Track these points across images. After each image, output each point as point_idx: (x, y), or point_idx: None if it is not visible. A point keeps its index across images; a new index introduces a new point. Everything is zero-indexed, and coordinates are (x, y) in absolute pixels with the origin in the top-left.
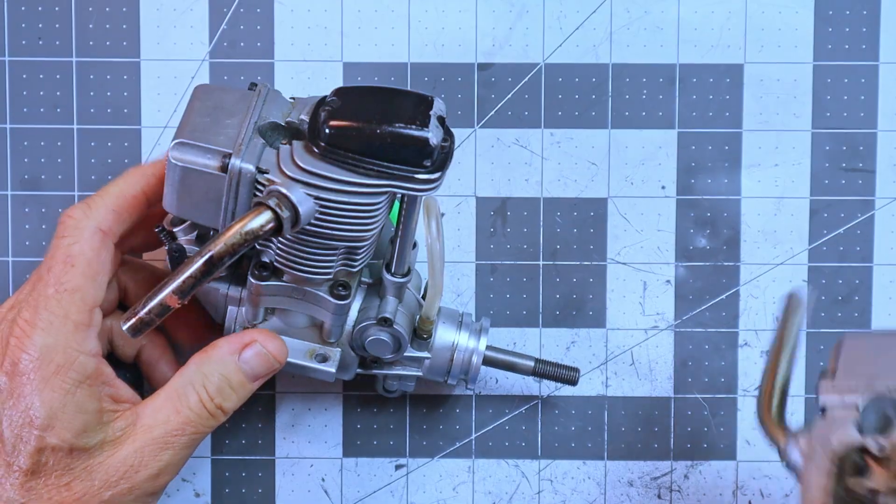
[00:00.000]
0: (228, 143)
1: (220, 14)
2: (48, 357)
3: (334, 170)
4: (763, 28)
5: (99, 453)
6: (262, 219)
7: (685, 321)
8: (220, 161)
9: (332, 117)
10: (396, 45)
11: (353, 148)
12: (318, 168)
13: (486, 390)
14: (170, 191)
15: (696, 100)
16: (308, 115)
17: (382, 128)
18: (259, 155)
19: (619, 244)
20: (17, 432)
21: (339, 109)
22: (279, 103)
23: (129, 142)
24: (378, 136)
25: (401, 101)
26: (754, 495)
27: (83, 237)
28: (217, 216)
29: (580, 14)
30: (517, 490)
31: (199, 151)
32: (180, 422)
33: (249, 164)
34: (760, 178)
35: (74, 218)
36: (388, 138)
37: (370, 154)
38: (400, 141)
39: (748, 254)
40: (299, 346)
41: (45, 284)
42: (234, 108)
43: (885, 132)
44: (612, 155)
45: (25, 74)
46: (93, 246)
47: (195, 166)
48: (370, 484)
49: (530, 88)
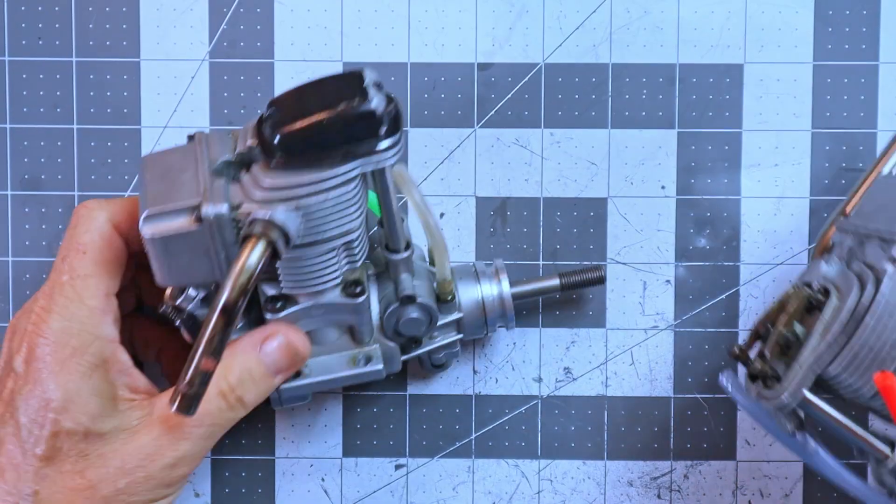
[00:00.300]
0: (192, 195)
1: (220, 14)
2: (64, 340)
3: (299, 174)
4: (763, 28)
5: (114, 439)
6: (257, 250)
7: (685, 321)
8: (192, 215)
9: (276, 127)
10: (396, 44)
11: (307, 146)
12: (283, 180)
13: (486, 390)
14: (158, 266)
15: (695, 100)
16: (254, 139)
17: (326, 117)
18: (225, 194)
19: (619, 244)
20: (33, 417)
21: (278, 117)
22: (222, 142)
23: (129, 142)
24: (326, 126)
25: (332, 85)
26: (754, 495)
27: (94, 226)
28: (211, 270)
29: (580, 14)
30: (517, 490)
31: (168, 216)
32: (199, 412)
33: (221, 206)
34: (760, 178)
35: (88, 207)
36: (336, 123)
37: (326, 145)
38: (348, 121)
39: (748, 254)
40: (339, 358)
41: (58, 273)
42: (182, 164)
43: (885, 132)
44: (611, 155)
45: (25, 74)
46: (103, 235)
47: (171, 231)
48: (370, 484)
49: (530, 88)
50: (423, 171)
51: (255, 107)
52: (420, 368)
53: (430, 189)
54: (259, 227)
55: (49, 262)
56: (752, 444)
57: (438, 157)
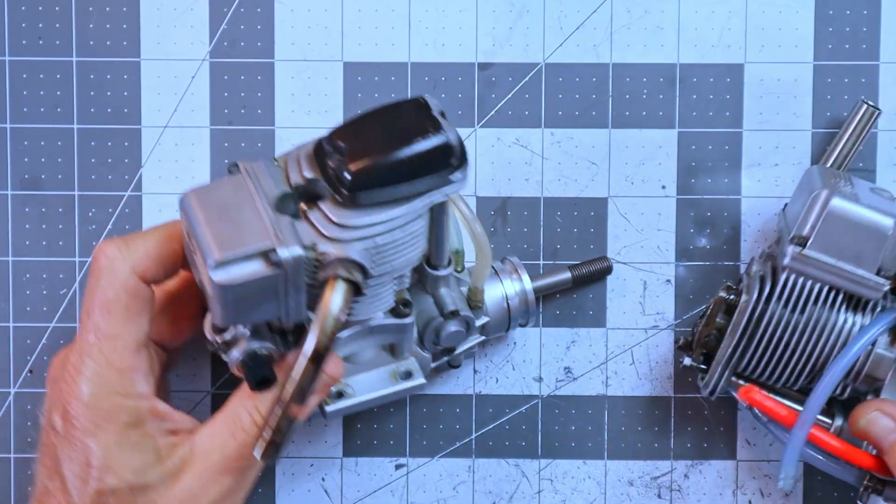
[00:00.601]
0: (259, 237)
1: (220, 14)
2: (96, 405)
3: (374, 211)
4: (763, 28)
5: (160, 487)
6: (340, 293)
7: (685, 321)
8: (267, 260)
9: (348, 163)
10: (397, 44)
11: (382, 183)
12: (358, 218)
13: (486, 390)
14: (222, 310)
15: (696, 99)
16: (312, 171)
17: (402, 151)
18: (295, 234)
19: (620, 244)
20: (77, 473)
21: (348, 152)
22: (271, 172)
23: (130, 142)
24: (403, 161)
25: (400, 116)
26: (754, 495)
27: (118, 281)
28: (277, 309)
29: (580, 14)
30: (517, 489)
31: (240, 262)
32: (237, 446)
33: (295, 248)
34: (760, 178)
35: (109, 258)
36: (413, 158)
37: (401, 180)
38: (425, 155)
39: (748, 253)
40: (379, 374)
41: (85, 330)
42: (237, 200)
43: (884, 132)
44: (612, 154)
45: (25, 74)
46: (128, 289)
47: (246, 279)
48: (370, 483)
49: (530, 88)
50: None
51: (255, 107)
52: (433, 370)
53: None
54: (340, 269)
55: (49, 262)
56: (752, 443)
57: None
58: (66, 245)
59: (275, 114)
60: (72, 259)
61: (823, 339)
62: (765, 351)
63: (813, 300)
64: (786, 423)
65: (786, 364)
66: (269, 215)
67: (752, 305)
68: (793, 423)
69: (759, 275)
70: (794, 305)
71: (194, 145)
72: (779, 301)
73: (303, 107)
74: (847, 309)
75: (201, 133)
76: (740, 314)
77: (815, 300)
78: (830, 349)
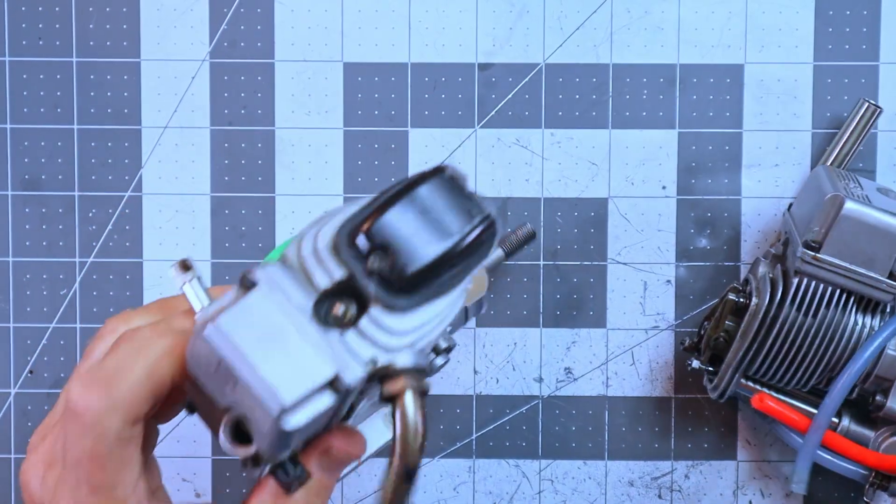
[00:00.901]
0: (319, 364)
1: (220, 14)
2: None
3: (426, 308)
4: (763, 28)
5: None
6: (413, 405)
7: (686, 321)
8: (332, 392)
9: (398, 265)
10: (397, 44)
11: (437, 278)
12: (412, 320)
13: (487, 390)
14: (280, 449)
15: (696, 100)
16: (342, 269)
17: (455, 243)
18: (351, 351)
19: (620, 244)
20: None
21: (392, 251)
22: (291, 275)
23: (129, 142)
24: (457, 253)
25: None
26: (754, 495)
27: (111, 436)
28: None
29: (580, 14)
30: (518, 490)
31: (309, 401)
32: None
33: (359, 370)
34: (761, 178)
35: (94, 411)
36: (466, 248)
37: (453, 270)
38: (476, 241)
39: (749, 254)
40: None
41: (77, 481)
42: (273, 322)
43: (884, 132)
44: (612, 155)
45: (25, 74)
46: (122, 439)
47: (318, 414)
48: (370, 484)
49: (531, 88)
50: None
51: (255, 107)
52: None
53: None
54: (409, 380)
55: (49, 262)
56: (752, 443)
57: (439, 157)
58: (66, 245)
59: (275, 114)
60: (72, 259)
61: (835, 342)
62: (777, 354)
63: (825, 303)
64: (799, 428)
65: (798, 367)
66: (317, 334)
67: (765, 309)
68: (806, 428)
69: (770, 278)
70: (806, 309)
71: (194, 146)
72: (791, 304)
73: (303, 107)
74: (859, 311)
75: (201, 133)
76: (752, 317)
77: (828, 303)
78: (842, 352)
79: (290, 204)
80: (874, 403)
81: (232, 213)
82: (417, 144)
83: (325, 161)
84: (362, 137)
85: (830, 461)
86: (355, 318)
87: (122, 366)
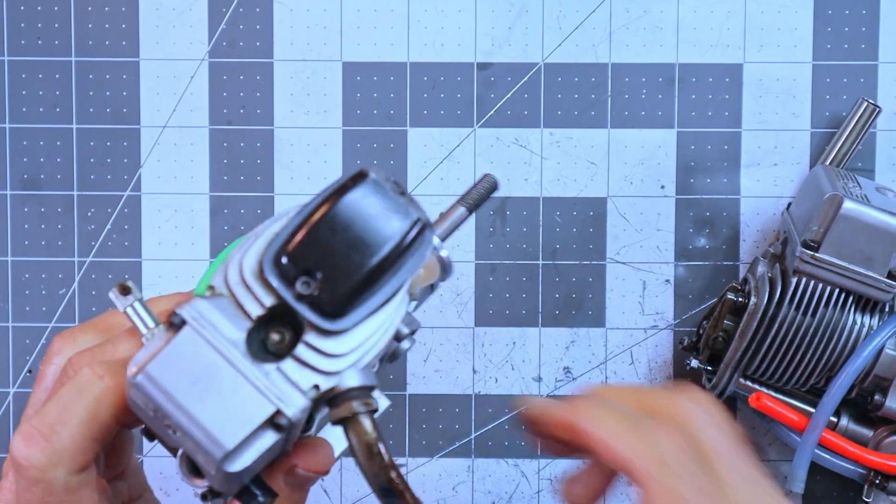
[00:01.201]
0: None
1: (219, 14)
2: None
3: (365, 324)
4: (762, 28)
5: None
6: (367, 425)
7: (685, 321)
8: (274, 425)
9: (327, 286)
10: (396, 44)
11: (369, 293)
12: (351, 339)
13: (486, 390)
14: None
15: (695, 99)
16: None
17: (380, 253)
18: (290, 382)
19: (619, 244)
20: None
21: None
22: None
23: (129, 141)
24: (389, 264)
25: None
26: None
27: (57, 488)
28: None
29: (579, 14)
30: (517, 489)
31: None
32: None
33: (301, 400)
34: (760, 178)
35: (37, 467)
36: (393, 254)
37: (385, 279)
38: (408, 248)
39: (747, 253)
40: None
41: None
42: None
43: (884, 132)
44: (611, 154)
45: (25, 74)
46: (69, 490)
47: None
48: None
49: (530, 88)
50: (422, 170)
51: (254, 107)
52: None
53: (429, 188)
54: (355, 404)
55: (48, 262)
56: (751, 443)
57: (438, 156)
58: (65, 245)
59: (274, 114)
60: (71, 259)
61: (834, 341)
62: (776, 353)
63: (824, 303)
64: (797, 428)
65: (796, 366)
66: (253, 368)
67: (763, 308)
68: (804, 428)
69: (769, 277)
70: (805, 308)
71: (193, 145)
72: (790, 304)
73: (302, 107)
74: (857, 311)
75: (200, 133)
76: (751, 317)
77: (826, 303)
78: (841, 351)
79: (289, 203)
80: (873, 402)
81: (231, 212)
82: (416, 144)
83: (323, 160)
84: (361, 137)
85: (829, 460)
86: (293, 345)
87: (62, 414)
